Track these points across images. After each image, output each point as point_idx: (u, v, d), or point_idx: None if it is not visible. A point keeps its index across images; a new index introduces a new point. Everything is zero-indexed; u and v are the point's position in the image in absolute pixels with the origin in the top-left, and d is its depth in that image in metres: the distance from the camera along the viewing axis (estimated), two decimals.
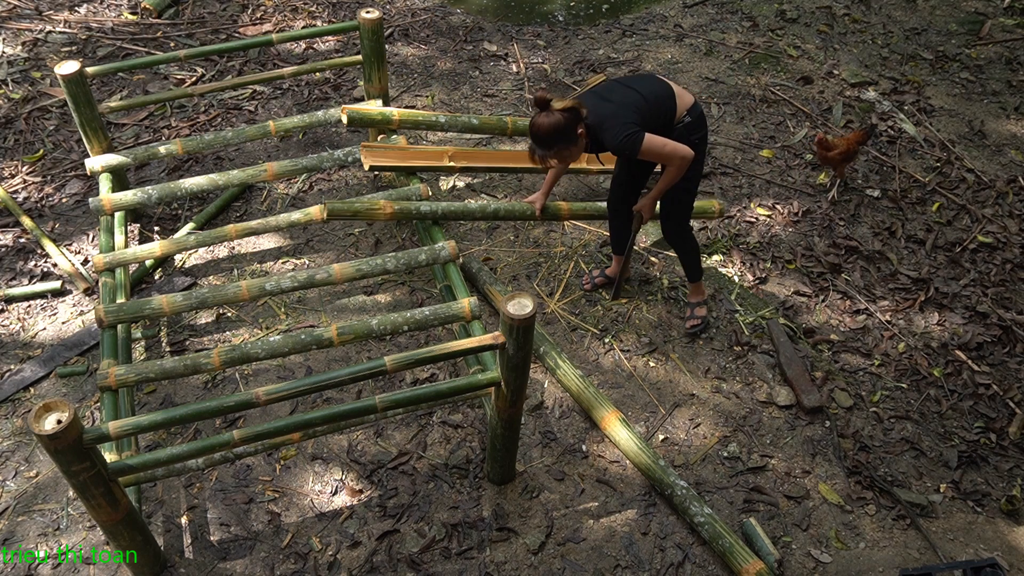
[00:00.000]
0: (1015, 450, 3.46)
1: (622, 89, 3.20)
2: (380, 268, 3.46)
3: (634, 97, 3.15)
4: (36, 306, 3.87)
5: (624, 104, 3.13)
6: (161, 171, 4.51)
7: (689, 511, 3.10)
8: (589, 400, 3.43)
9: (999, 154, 4.82)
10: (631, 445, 3.28)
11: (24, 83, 5.00)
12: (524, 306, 2.55)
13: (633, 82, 3.24)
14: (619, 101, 3.14)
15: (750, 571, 2.91)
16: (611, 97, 3.17)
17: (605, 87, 3.24)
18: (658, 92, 3.19)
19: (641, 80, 3.26)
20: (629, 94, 3.16)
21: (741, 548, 2.97)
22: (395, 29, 5.58)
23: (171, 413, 2.56)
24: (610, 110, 3.12)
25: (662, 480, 3.19)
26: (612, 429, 3.35)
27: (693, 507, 3.10)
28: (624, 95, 3.16)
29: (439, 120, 4.11)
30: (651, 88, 3.20)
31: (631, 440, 3.29)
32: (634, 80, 3.26)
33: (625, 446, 3.31)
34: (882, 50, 5.52)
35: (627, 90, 3.18)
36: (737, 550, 2.96)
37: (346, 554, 3.07)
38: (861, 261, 4.18)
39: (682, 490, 3.14)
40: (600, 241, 4.21)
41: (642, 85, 3.21)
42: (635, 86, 3.20)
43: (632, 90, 3.18)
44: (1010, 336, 3.88)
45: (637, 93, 3.17)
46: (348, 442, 3.39)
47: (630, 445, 3.29)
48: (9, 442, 3.37)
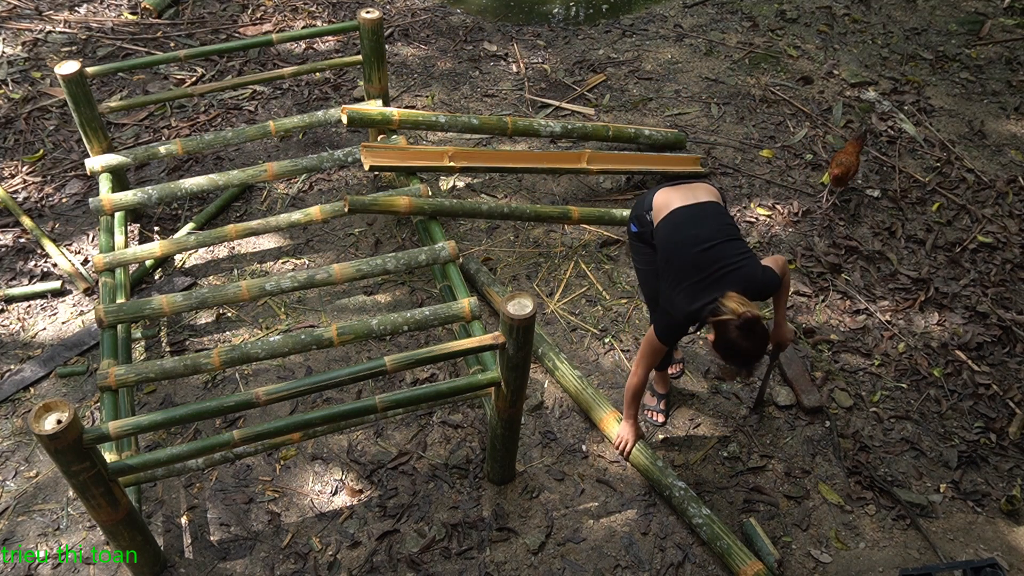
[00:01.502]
0: (1015, 450, 3.46)
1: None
2: (380, 268, 3.46)
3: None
4: (36, 306, 3.87)
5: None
6: (161, 171, 4.51)
7: (688, 512, 3.10)
8: (588, 401, 3.43)
9: (999, 154, 4.82)
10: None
11: (24, 83, 5.00)
12: (524, 306, 2.55)
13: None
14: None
15: (748, 572, 2.91)
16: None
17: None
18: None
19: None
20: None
21: (740, 549, 2.96)
22: (395, 29, 5.58)
23: (171, 413, 2.56)
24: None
25: (660, 481, 3.19)
26: (611, 430, 3.35)
27: (691, 508, 3.10)
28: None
29: (439, 120, 4.11)
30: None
31: None
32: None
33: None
34: (882, 50, 5.52)
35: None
36: (735, 551, 2.96)
37: (346, 554, 3.07)
38: (861, 261, 4.18)
39: (680, 491, 3.14)
40: (600, 241, 4.21)
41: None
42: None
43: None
44: (1010, 336, 3.88)
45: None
46: (348, 442, 3.39)
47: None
48: (9, 442, 3.37)
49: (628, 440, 3.27)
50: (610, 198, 4.44)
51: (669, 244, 2.87)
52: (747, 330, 2.58)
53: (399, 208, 3.71)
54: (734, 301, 2.62)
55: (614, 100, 5.04)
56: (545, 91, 5.11)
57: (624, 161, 4.34)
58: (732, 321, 2.59)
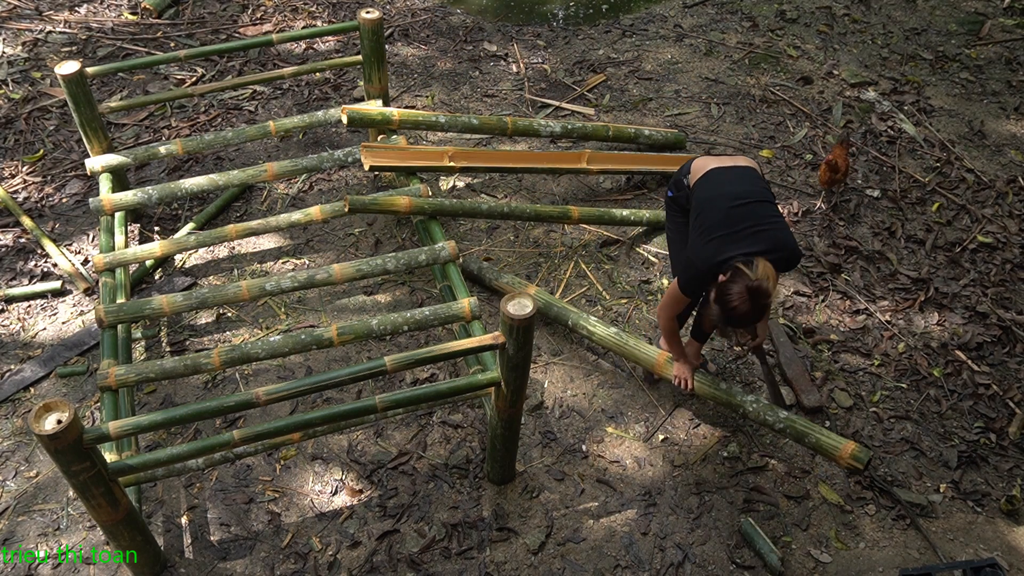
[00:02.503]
0: (1015, 450, 3.46)
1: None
2: (380, 268, 3.46)
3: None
4: (36, 306, 3.87)
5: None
6: (161, 171, 4.51)
7: (767, 420, 3.20)
8: (632, 352, 3.47)
9: (999, 154, 4.82)
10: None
11: (24, 83, 5.01)
12: (524, 306, 2.55)
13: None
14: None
15: (845, 453, 3.02)
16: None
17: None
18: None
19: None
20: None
21: (828, 437, 3.08)
22: (395, 29, 5.58)
23: (171, 413, 2.56)
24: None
25: (730, 402, 3.27)
26: (667, 371, 3.38)
27: (769, 416, 3.19)
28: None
29: (439, 120, 4.11)
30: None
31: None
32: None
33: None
34: (882, 50, 5.52)
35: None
36: (824, 440, 3.08)
37: (346, 554, 3.07)
38: (861, 261, 4.18)
39: (753, 404, 3.23)
40: (600, 241, 4.21)
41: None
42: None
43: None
44: (1010, 336, 3.88)
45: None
46: (348, 442, 3.39)
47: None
48: (9, 442, 3.37)
49: (686, 376, 3.33)
50: (610, 198, 4.44)
51: (702, 199, 2.93)
52: (753, 294, 2.63)
53: (399, 208, 3.72)
54: (764, 266, 2.66)
55: (614, 100, 5.04)
56: (545, 91, 5.11)
57: (624, 161, 4.34)
58: (746, 279, 2.63)
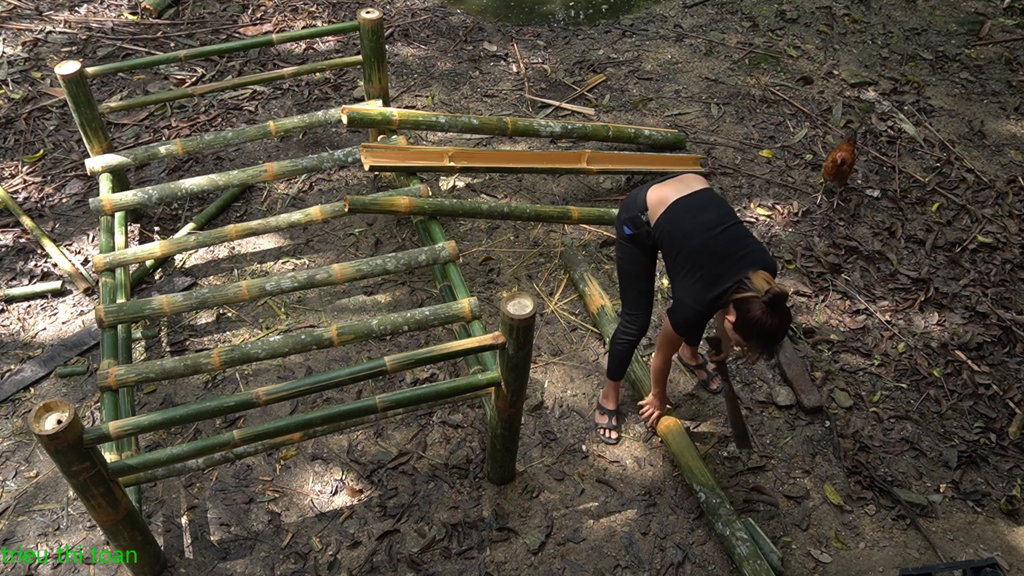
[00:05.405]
0: (1015, 450, 3.46)
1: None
2: (380, 268, 3.46)
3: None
4: (36, 306, 3.87)
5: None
6: (161, 171, 4.51)
7: (712, 506, 3.17)
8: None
9: (999, 154, 4.82)
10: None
11: (24, 83, 5.01)
12: (524, 306, 2.55)
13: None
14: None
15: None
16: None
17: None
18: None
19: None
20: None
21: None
22: (395, 29, 5.58)
23: (171, 413, 2.56)
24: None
25: (690, 467, 3.23)
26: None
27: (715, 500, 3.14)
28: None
29: (439, 120, 4.11)
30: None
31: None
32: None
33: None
34: (882, 50, 5.52)
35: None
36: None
37: (346, 554, 3.07)
38: (861, 261, 4.18)
39: (704, 494, 3.19)
40: (600, 241, 4.21)
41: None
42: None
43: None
44: (1010, 336, 3.88)
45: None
46: (348, 442, 3.39)
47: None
48: (9, 442, 3.37)
49: (657, 411, 3.34)
50: (610, 198, 4.44)
51: (677, 235, 2.81)
52: (773, 306, 2.55)
53: (399, 208, 3.72)
54: (760, 278, 2.60)
55: (614, 100, 5.04)
56: (545, 91, 5.11)
57: (624, 161, 4.34)
58: (757, 298, 2.57)
